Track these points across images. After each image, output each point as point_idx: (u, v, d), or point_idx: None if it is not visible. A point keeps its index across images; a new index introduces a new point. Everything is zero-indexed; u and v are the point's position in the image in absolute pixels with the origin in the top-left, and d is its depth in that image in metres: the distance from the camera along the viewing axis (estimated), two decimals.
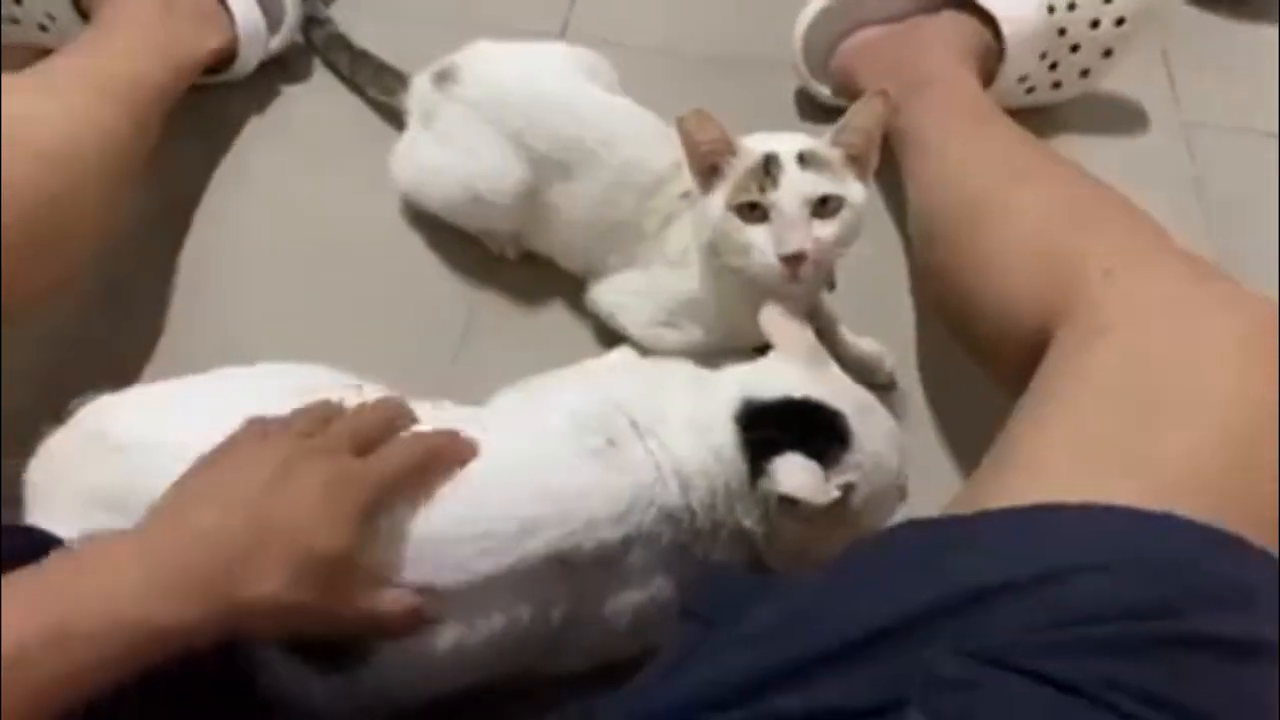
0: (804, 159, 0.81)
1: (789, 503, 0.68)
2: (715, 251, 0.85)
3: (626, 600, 0.71)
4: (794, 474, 0.68)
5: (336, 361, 0.80)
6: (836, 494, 0.68)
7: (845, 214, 0.81)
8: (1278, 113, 1.19)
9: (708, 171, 0.83)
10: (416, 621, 0.65)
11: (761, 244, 0.81)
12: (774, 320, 0.78)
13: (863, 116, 0.83)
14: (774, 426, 0.70)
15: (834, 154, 0.83)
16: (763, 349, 0.79)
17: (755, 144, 0.84)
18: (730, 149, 0.83)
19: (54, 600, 0.54)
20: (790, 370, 0.75)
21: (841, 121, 0.83)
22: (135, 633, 0.54)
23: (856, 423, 0.72)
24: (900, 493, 0.77)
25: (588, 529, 0.68)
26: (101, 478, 0.69)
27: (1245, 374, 0.61)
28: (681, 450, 0.71)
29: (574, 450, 0.70)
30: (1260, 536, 0.54)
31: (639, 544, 0.70)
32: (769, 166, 0.81)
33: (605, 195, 0.91)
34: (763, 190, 0.80)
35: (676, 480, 0.70)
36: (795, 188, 0.80)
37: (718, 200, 0.83)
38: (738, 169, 0.82)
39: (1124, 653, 0.50)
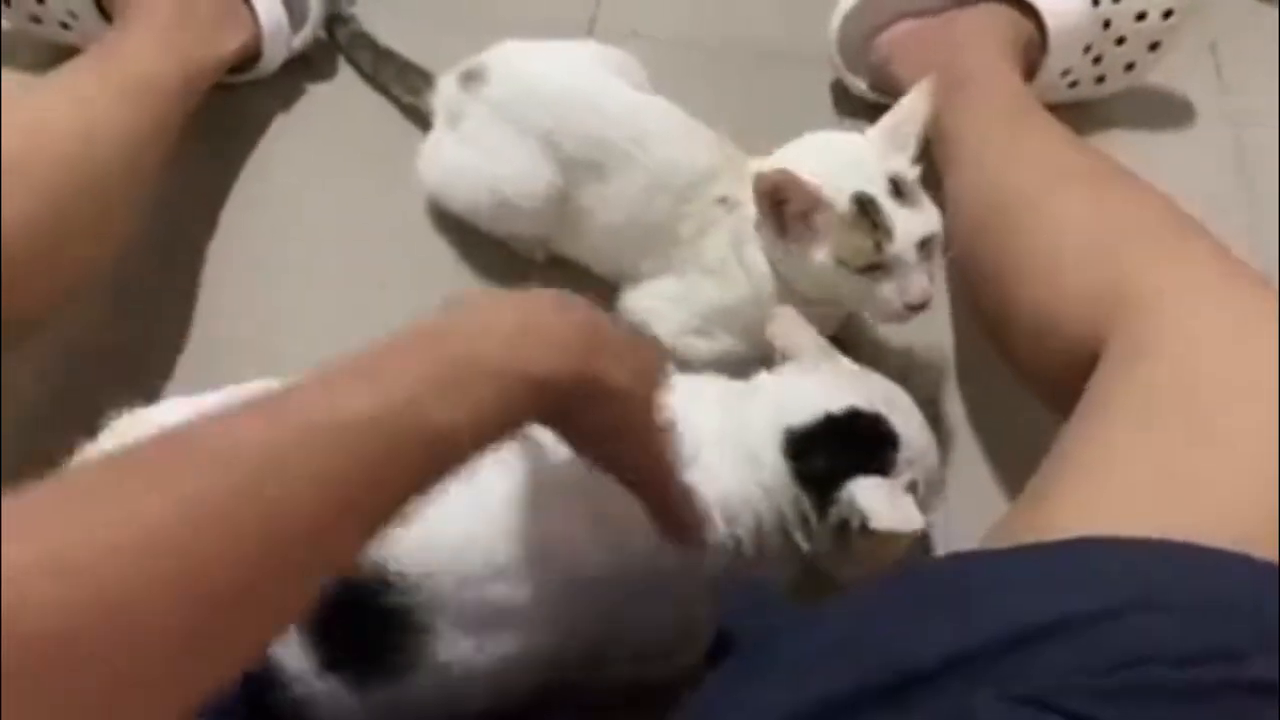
0: (897, 190, 0.79)
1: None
2: (796, 288, 0.83)
3: (665, 622, 0.70)
4: (881, 505, 0.67)
5: None
6: (925, 520, 0.67)
7: (936, 241, 0.81)
8: None
9: (794, 219, 0.81)
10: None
11: (885, 296, 0.80)
12: (784, 328, 0.77)
13: (918, 106, 0.83)
14: (824, 451, 0.69)
15: (913, 172, 0.82)
16: None
17: (825, 178, 0.80)
18: (819, 203, 0.79)
19: (444, 348, 0.51)
20: (816, 382, 0.73)
21: (890, 117, 0.82)
22: (519, 378, 0.52)
23: (897, 419, 0.72)
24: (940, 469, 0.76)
25: (631, 558, 0.67)
26: None
27: None
28: (727, 484, 0.69)
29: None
30: None
31: (681, 576, 0.69)
32: (872, 216, 0.78)
33: (639, 197, 0.88)
34: (880, 249, 0.78)
35: (720, 513, 0.69)
36: (909, 238, 0.79)
37: (820, 255, 0.80)
38: (832, 220, 0.80)
39: (1183, 700, 0.47)
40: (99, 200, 0.86)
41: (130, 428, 0.72)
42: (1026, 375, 0.81)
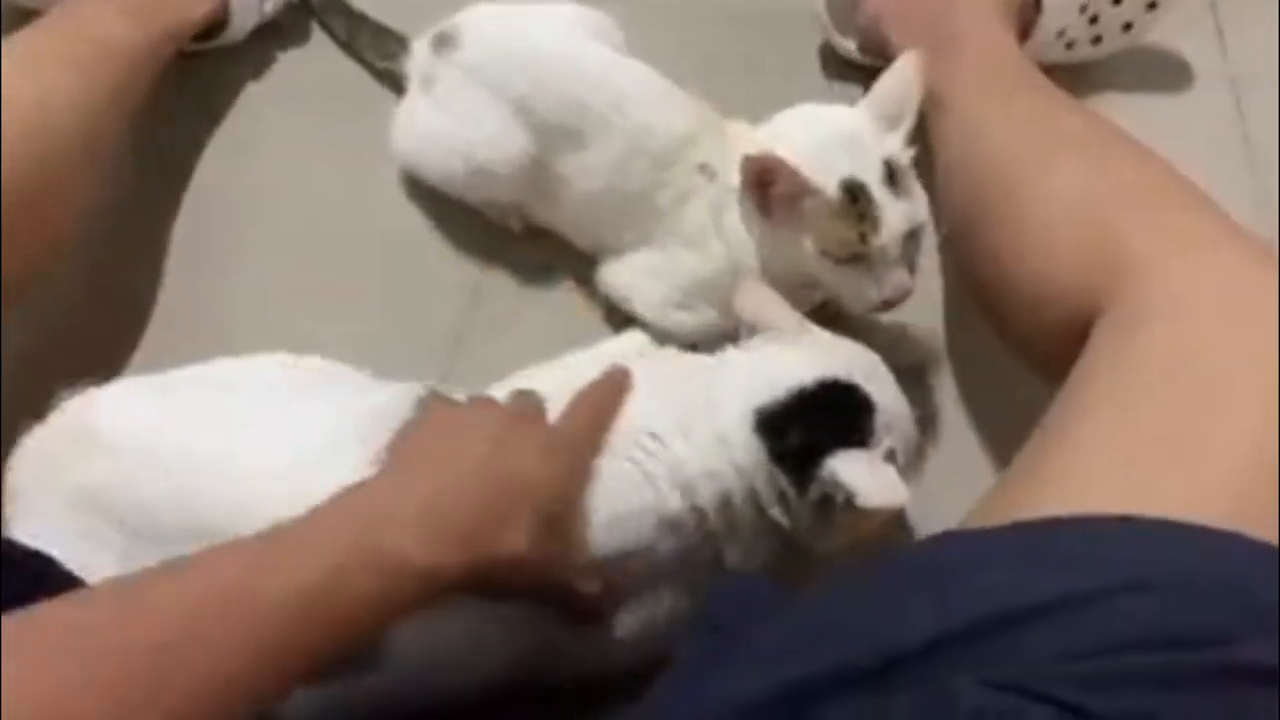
0: (890, 177, 0.77)
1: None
2: (775, 268, 0.81)
3: (638, 609, 0.68)
4: (865, 480, 0.65)
5: (334, 343, 0.77)
6: (906, 493, 0.66)
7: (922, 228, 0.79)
8: None
9: (779, 202, 0.78)
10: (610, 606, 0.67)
11: (864, 287, 0.78)
12: (753, 301, 0.75)
13: (905, 75, 0.80)
14: (798, 426, 0.67)
15: (907, 154, 0.79)
16: None
17: (810, 153, 0.77)
18: (808, 190, 0.76)
19: (355, 534, 0.55)
20: (787, 354, 0.71)
21: (878, 88, 0.80)
22: (410, 573, 0.55)
23: (872, 388, 0.70)
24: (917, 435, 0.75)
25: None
26: (93, 479, 0.67)
27: None
28: (682, 454, 0.68)
29: None
30: None
31: (639, 555, 0.67)
32: (861, 205, 0.76)
33: (616, 163, 0.85)
34: (864, 240, 0.76)
35: (676, 488, 0.67)
36: (895, 230, 0.76)
37: (803, 242, 0.77)
38: (820, 208, 0.77)
39: (1170, 685, 0.46)
40: (58, 169, 0.84)
41: (80, 408, 0.70)
42: (1020, 346, 0.79)
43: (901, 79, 0.81)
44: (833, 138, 0.79)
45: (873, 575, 0.59)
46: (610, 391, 0.71)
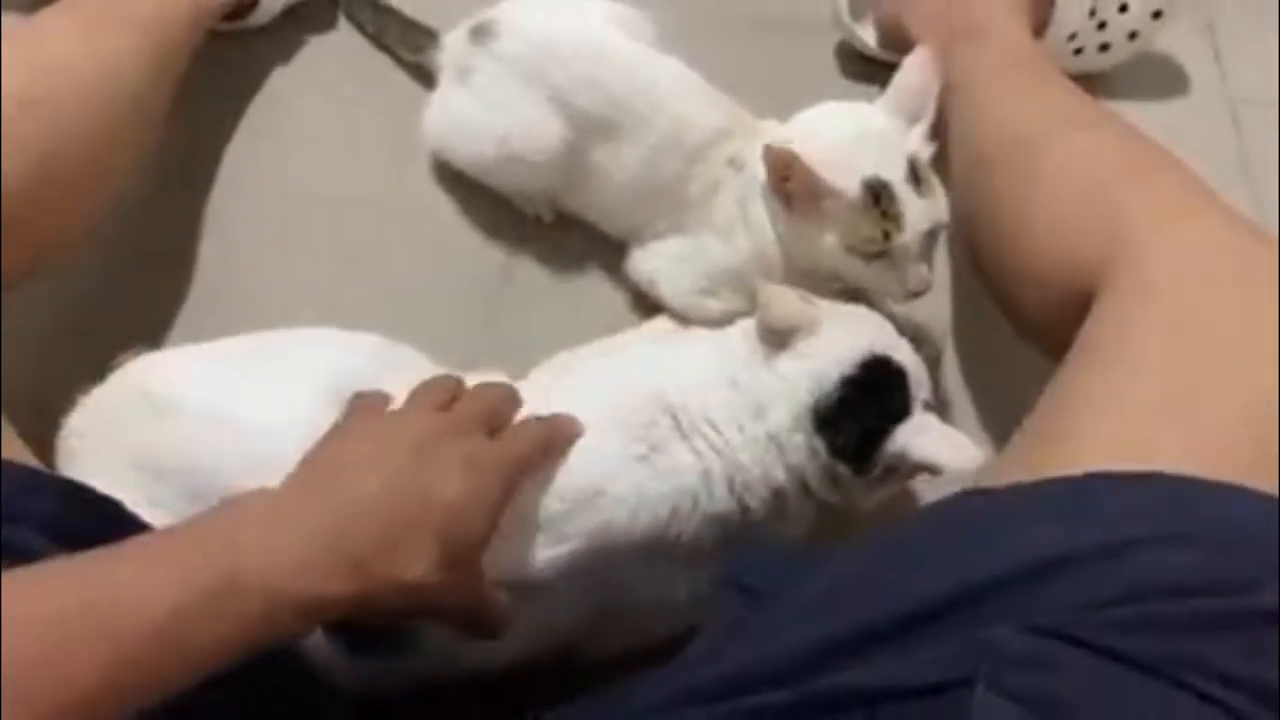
0: (914, 175, 0.78)
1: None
2: (798, 260, 0.82)
3: (668, 591, 0.70)
4: (941, 450, 0.68)
5: (365, 322, 0.78)
6: (978, 450, 0.68)
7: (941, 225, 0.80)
8: None
9: (801, 198, 0.79)
10: (505, 624, 0.65)
11: (887, 281, 0.80)
12: (775, 309, 0.73)
13: (919, 69, 0.82)
14: (853, 417, 0.69)
15: (928, 150, 0.81)
16: None
17: (832, 155, 0.78)
18: (823, 188, 0.77)
19: (214, 560, 0.53)
20: (819, 344, 0.72)
21: (895, 84, 0.81)
22: (286, 601, 0.53)
23: (897, 355, 0.72)
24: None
25: (628, 534, 0.67)
26: (146, 438, 0.68)
27: None
28: (740, 457, 0.69)
29: (616, 454, 0.68)
30: None
31: (681, 546, 0.69)
32: (884, 204, 0.77)
33: (650, 156, 0.87)
34: (888, 237, 0.77)
35: (725, 485, 0.69)
36: (918, 228, 0.78)
37: (826, 238, 0.79)
38: (840, 206, 0.78)
39: (1201, 630, 0.48)
40: (115, 137, 0.85)
41: (141, 371, 0.71)
42: (1024, 320, 0.81)
43: (919, 74, 0.82)
44: (856, 135, 0.81)
45: (898, 535, 0.60)
46: (563, 431, 0.69)
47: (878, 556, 0.59)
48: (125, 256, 0.96)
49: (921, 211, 0.78)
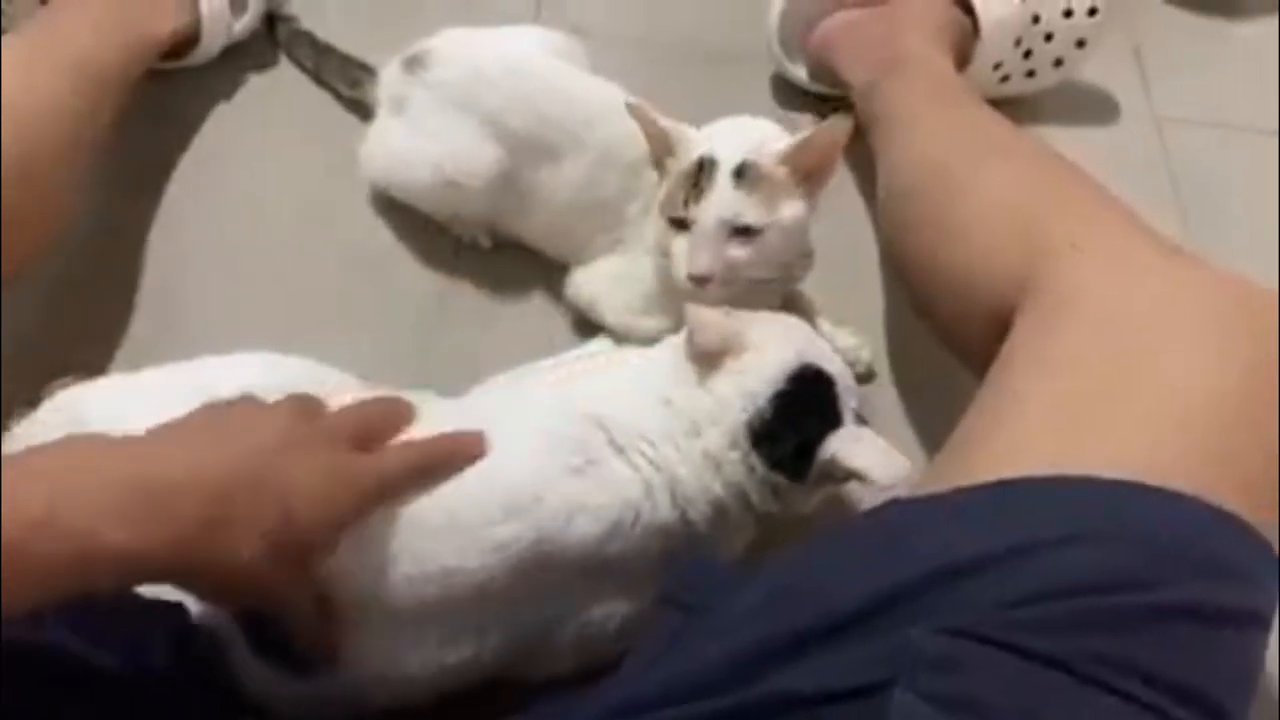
0: (742, 173, 0.80)
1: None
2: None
3: (613, 608, 0.70)
4: (871, 460, 0.69)
5: (306, 351, 0.78)
6: (907, 461, 0.69)
7: (770, 237, 0.80)
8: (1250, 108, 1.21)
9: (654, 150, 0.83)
10: (329, 656, 0.64)
11: (675, 253, 0.81)
12: (703, 333, 0.73)
13: (825, 137, 0.81)
14: (787, 429, 0.70)
15: (778, 172, 0.81)
16: None
17: (708, 136, 0.83)
18: (669, 148, 0.82)
19: (31, 492, 0.50)
20: (758, 355, 0.72)
21: (803, 139, 0.81)
22: (98, 550, 0.51)
23: (824, 362, 0.73)
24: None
25: (569, 547, 0.67)
26: None
27: (1211, 344, 0.60)
28: (678, 471, 0.70)
29: (555, 468, 0.68)
30: (1231, 504, 0.54)
31: (624, 558, 0.69)
32: (701, 176, 0.80)
33: (588, 176, 0.89)
34: (686, 204, 0.80)
35: (668, 496, 0.69)
36: (717, 210, 0.79)
37: (660, 196, 0.82)
38: (674, 170, 0.82)
39: (1106, 626, 0.50)
40: (39, 184, 0.84)
41: (71, 401, 0.71)
42: (950, 336, 0.83)
43: (829, 140, 0.82)
44: (731, 128, 0.84)
45: (828, 542, 0.61)
46: (459, 449, 0.67)
47: (809, 564, 0.60)
48: (67, 288, 0.96)
49: (725, 201, 0.79)
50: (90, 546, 0.51)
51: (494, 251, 1.00)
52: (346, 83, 1.07)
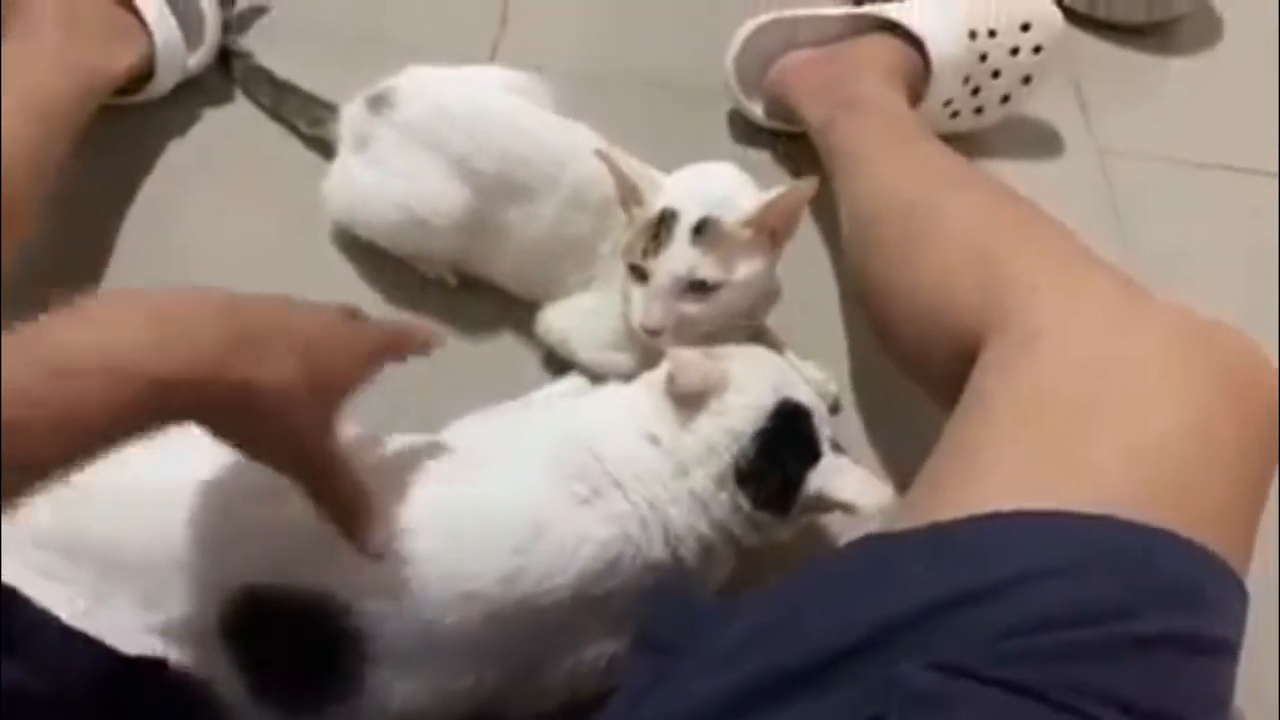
0: (702, 229, 0.81)
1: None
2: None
3: (605, 646, 0.70)
4: (855, 491, 0.70)
5: None
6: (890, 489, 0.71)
7: (725, 293, 0.82)
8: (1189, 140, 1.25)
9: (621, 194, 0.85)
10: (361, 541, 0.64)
11: (634, 302, 0.83)
12: (683, 376, 0.74)
13: (790, 199, 0.83)
14: (773, 468, 0.71)
15: (740, 232, 0.82)
16: None
17: (673, 185, 0.84)
18: (636, 196, 0.83)
19: (54, 343, 0.50)
20: (738, 394, 0.73)
21: (768, 202, 0.82)
22: (130, 380, 0.51)
23: (800, 395, 0.74)
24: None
25: (571, 580, 0.67)
26: (57, 514, 0.65)
27: (1171, 379, 0.62)
28: (669, 510, 0.71)
29: (562, 497, 0.69)
30: (1200, 535, 0.55)
31: (620, 594, 0.69)
32: (661, 228, 0.81)
33: (559, 215, 0.90)
34: (645, 255, 0.81)
35: (660, 533, 0.70)
36: (672, 265, 0.81)
37: (624, 242, 0.84)
38: (639, 218, 0.83)
39: (1085, 657, 0.51)
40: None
41: None
42: (912, 370, 0.84)
43: (794, 201, 0.83)
44: (701, 180, 0.86)
45: (807, 580, 0.62)
46: (411, 339, 0.73)
47: (789, 602, 0.60)
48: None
49: (682, 257, 0.81)
50: (120, 378, 0.50)
51: (460, 290, 1.00)
52: (306, 120, 1.07)
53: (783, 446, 0.72)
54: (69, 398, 0.49)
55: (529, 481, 0.70)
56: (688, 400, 0.73)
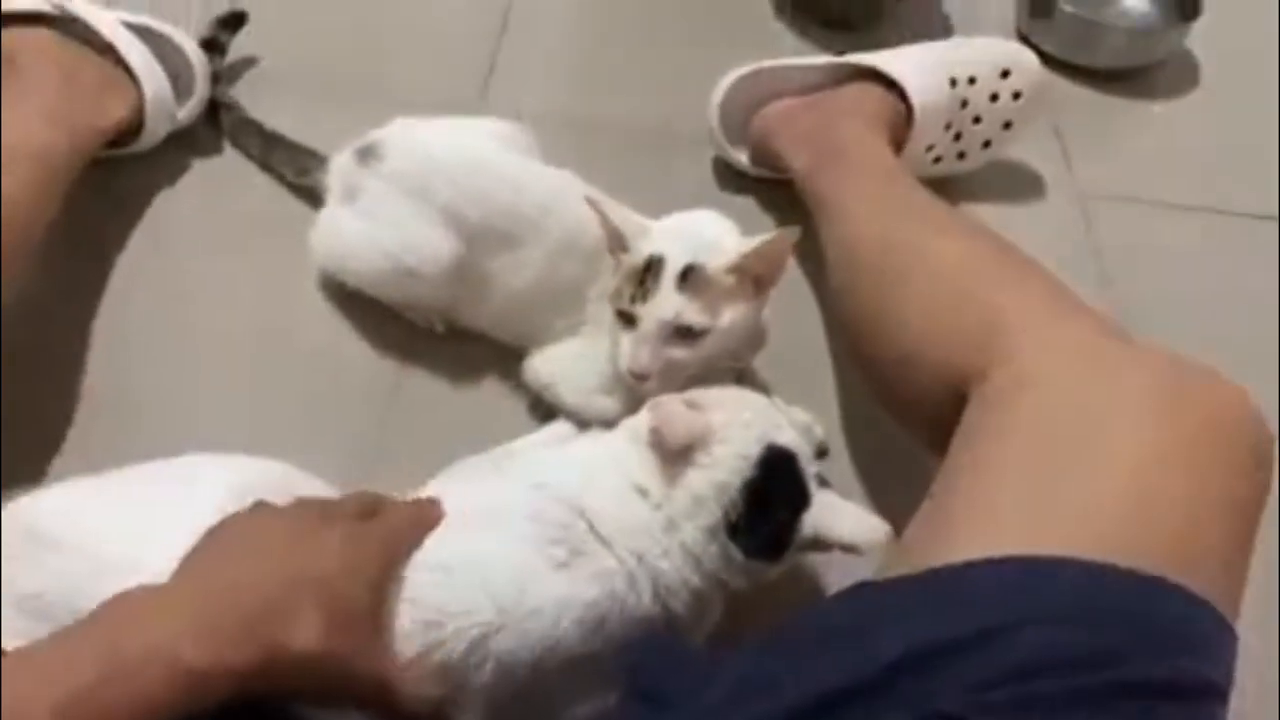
0: (688, 276, 0.82)
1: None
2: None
3: (595, 703, 0.69)
4: (852, 530, 0.71)
5: (257, 444, 0.77)
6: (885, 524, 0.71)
7: (712, 338, 0.83)
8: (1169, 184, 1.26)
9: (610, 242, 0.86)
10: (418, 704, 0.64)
11: (622, 348, 0.84)
12: (667, 427, 0.73)
13: (775, 246, 0.84)
14: (764, 518, 0.71)
15: (725, 278, 0.83)
16: None
17: (660, 232, 0.85)
18: (622, 243, 0.84)
19: (102, 641, 0.54)
20: (724, 444, 0.73)
21: (752, 249, 0.83)
22: (179, 673, 0.53)
23: (784, 438, 0.74)
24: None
25: (557, 643, 0.67)
26: (40, 582, 0.65)
27: (1157, 423, 0.62)
28: (660, 565, 0.70)
29: (539, 563, 0.68)
30: (1189, 580, 0.55)
31: (608, 651, 0.69)
32: (647, 275, 0.82)
33: (547, 262, 0.91)
34: (632, 301, 0.82)
35: (650, 587, 0.70)
36: (659, 311, 0.82)
37: (612, 288, 0.85)
38: (626, 265, 0.84)
39: (1075, 705, 0.51)
40: None
41: (23, 511, 0.69)
42: (899, 412, 0.85)
43: (779, 249, 0.84)
44: (687, 227, 0.87)
45: (796, 629, 0.62)
46: (428, 512, 0.72)
47: (778, 652, 0.60)
48: (7, 382, 0.91)
49: (668, 303, 0.82)
50: (168, 675, 0.53)
51: (447, 337, 1.00)
52: (294, 170, 1.08)
53: (772, 495, 0.72)
54: (118, 698, 0.53)
55: (507, 546, 0.69)
56: (674, 454, 0.73)
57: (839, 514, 0.72)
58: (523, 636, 0.66)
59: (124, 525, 0.68)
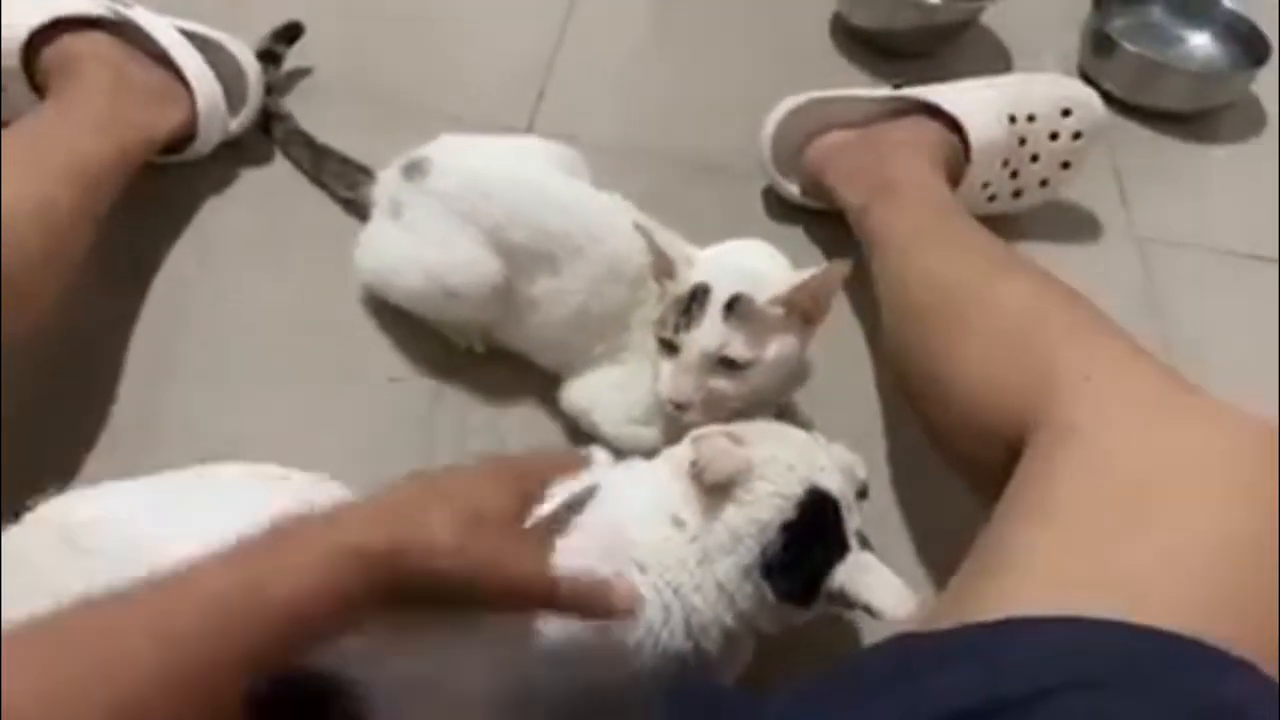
0: (734, 306, 0.81)
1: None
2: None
3: None
4: (882, 595, 0.69)
5: (293, 457, 0.76)
6: (914, 598, 0.69)
7: (756, 371, 0.82)
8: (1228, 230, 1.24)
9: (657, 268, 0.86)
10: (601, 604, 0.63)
11: (662, 375, 0.83)
12: (709, 462, 0.72)
13: (824, 280, 0.82)
14: (798, 561, 0.70)
15: (772, 310, 0.82)
16: None
17: (707, 261, 0.84)
18: (669, 271, 0.83)
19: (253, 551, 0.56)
20: (766, 482, 0.72)
21: (801, 283, 0.82)
22: (339, 549, 0.56)
23: (827, 482, 0.72)
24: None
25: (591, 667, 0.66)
26: (75, 581, 0.64)
27: (1223, 487, 0.60)
28: (693, 599, 0.69)
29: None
30: (1249, 651, 0.53)
31: (640, 683, 0.67)
32: (693, 303, 0.81)
33: (591, 286, 0.90)
34: (676, 329, 0.81)
35: (683, 624, 0.69)
36: (702, 341, 0.81)
37: (658, 314, 0.84)
38: (671, 293, 0.83)
39: None
40: (40, 273, 0.84)
41: (60, 510, 0.69)
42: (954, 459, 0.83)
43: (828, 283, 0.83)
44: (735, 256, 0.86)
45: (836, 680, 0.60)
46: (571, 460, 0.74)
47: (815, 701, 0.59)
48: (48, 386, 0.93)
49: (713, 333, 0.81)
50: (334, 550, 0.56)
51: (488, 357, 0.99)
52: (344, 184, 1.08)
53: (810, 539, 0.70)
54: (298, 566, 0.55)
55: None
56: (715, 489, 0.71)
57: (872, 575, 0.70)
58: (557, 658, 0.65)
59: (160, 530, 0.67)
